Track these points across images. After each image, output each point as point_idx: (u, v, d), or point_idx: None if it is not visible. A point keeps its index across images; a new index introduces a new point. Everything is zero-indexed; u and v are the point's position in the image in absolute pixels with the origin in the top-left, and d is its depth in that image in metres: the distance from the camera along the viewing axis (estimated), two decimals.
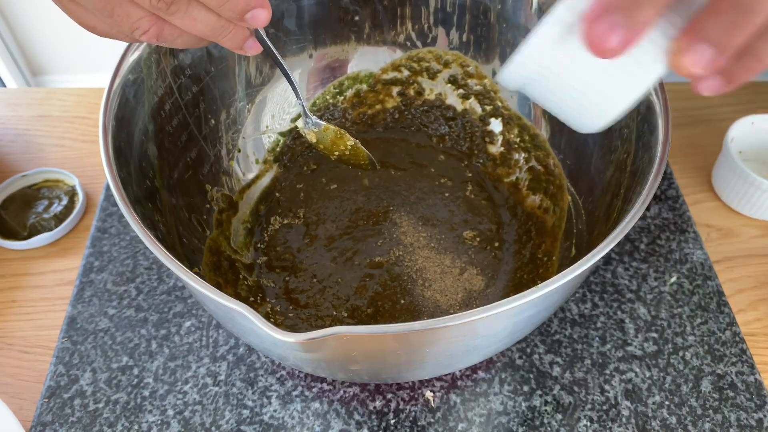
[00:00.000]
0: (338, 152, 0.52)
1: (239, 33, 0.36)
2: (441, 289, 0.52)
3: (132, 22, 0.33)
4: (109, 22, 0.34)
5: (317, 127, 0.51)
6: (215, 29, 0.35)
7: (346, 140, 0.52)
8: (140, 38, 0.35)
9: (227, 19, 0.34)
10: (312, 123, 0.51)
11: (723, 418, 0.47)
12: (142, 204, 0.41)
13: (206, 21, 0.34)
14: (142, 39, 0.35)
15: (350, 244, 0.55)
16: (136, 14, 0.33)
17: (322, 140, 0.52)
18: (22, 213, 0.60)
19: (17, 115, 0.70)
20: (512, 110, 0.58)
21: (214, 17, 0.34)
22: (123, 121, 0.42)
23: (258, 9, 0.34)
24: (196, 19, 0.34)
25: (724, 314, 0.53)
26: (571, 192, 0.53)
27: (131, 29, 0.34)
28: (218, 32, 0.35)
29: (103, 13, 0.33)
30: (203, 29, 0.34)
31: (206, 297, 0.33)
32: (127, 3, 0.33)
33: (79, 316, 0.53)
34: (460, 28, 0.57)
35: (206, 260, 0.49)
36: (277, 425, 0.47)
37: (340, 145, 0.52)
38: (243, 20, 0.34)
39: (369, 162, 0.53)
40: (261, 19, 0.34)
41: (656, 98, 0.42)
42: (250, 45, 0.38)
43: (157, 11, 0.33)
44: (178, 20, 0.34)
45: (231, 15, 0.34)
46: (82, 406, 0.48)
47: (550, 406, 0.48)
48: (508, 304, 0.32)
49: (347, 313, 0.51)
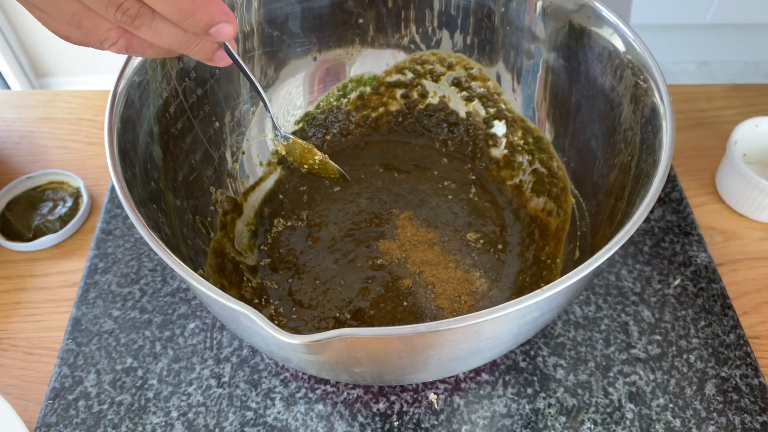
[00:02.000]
0: (307, 165, 0.53)
1: (207, 46, 0.37)
2: (444, 291, 0.52)
3: (100, 33, 0.34)
4: (79, 33, 0.34)
5: (286, 141, 0.52)
6: (181, 42, 0.35)
7: (314, 154, 0.53)
8: (110, 49, 0.35)
9: (193, 33, 0.35)
10: (281, 136, 0.52)
11: (727, 421, 0.47)
12: (146, 206, 0.41)
13: (172, 34, 0.34)
14: (112, 50, 0.35)
15: (353, 246, 0.55)
16: (104, 26, 0.34)
17: (291, 153, 0.53)
18: (27, 215, 0.60)
19: (22, 117, 0.71)
20: (516, 113, 0.58)
21: (179, 31, 0.34)
22: (128, 123, 0.42)
23: (222, 24, 0.34)
24: (161, 33, 0.34)
25: (728, 317, 0.53)
26: (574, 194, 0.53)
27: (100, 40, 0.34)
28: (185, 45, 0.35)
29: (72, 24, 0.34)
30: (170, 42, 0.35)
31: (211, 299, 0.33)
32: (93, 15, 0.33)
33: (84, 317, 0.53)
34: (464, 30, 0.57)
35: (210, 262, 0.49)
36: (281, 427, 0.47)
37: (309, 158, 0.53)
38: (208, 35, 0.34)
39: (339, 175, 0.54)
40: (226, 34, 0.34)
41: (660, 100, 0.42)
42: (220, 56, 0.38)
43: (122, 24, 0.33)
44: (144, 33, 0.34)
45: (195, 30, 0.34)
46: (87, 408, 0.48)
47: (554, 408, 0.48)
48: (513, 306, 0.32)
49: (350, 315, 0.51)
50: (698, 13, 1.70)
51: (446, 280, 0.53)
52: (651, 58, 0.44)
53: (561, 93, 0.54)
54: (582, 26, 0.49)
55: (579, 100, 0.52)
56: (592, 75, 0.50)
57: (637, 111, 0.45)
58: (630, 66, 0.46)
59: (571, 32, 0.50)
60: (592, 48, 0.49)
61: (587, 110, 0.51)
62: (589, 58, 0.50)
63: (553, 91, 0.54)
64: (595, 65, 0.49)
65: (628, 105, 0.46)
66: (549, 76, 0.54)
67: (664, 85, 0.42)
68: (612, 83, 0.48)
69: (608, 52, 0.48)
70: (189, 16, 0.33)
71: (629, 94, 0.46)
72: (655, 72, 0.43)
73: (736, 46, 1.86)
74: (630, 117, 0.46)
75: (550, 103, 0.55)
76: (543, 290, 0.33)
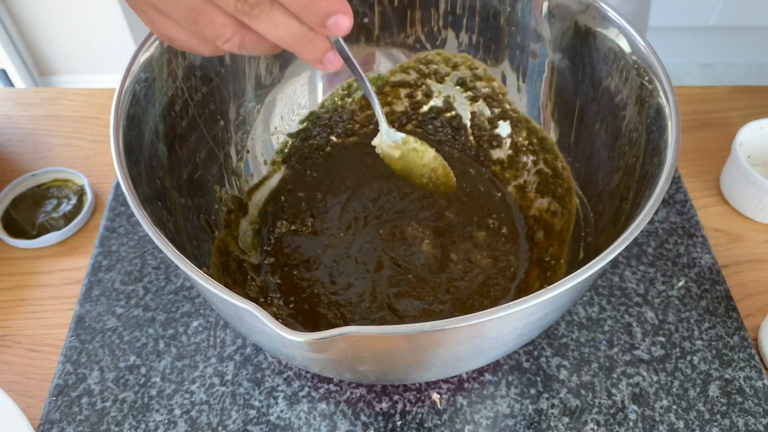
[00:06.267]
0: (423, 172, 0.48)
1: (320, 44, 0.35)
2: (448, 291, 0.52)
3: (216, 29, 0.33)
4: (193, 31, 0.34)
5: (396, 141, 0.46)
6: (296, 37, 0.34)
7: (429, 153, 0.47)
8: (223, 46, 0.34)
9: (309, 25, 0.34)
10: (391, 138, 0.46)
11: (731, 423, 0.47)
12: (152, 203, 0.41)
13: (287, 27, 0.33)
14: (225, 47, 0.34)
15: (357, 245, 0.55)
16: (221, 21, 0.33)
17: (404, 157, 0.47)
18: (31, 212, 0.60)
19: (27, 114, 0.71)
20: (520, 113, 0.58)
21: (295, 24, 0.33)
22: (134, 120, 0.43)
23: (340, 15, 0.33)
24: (277, 24, 0.33)
25: (732, 319, 0.53)
26: (579, 195, 0.53)
27: (214, 37, 0.34)
28: (298, 40, 0.34)
29: (188, 21, 0.33)
30: (284, 36, 0.34)
31: (215, 296, 0.33)
32: (211, 9, 0.33)
33: (87, 315, 0.53)
34: (469, 30, 0.57)
35: (215, 260, 0.49)
36: (284, 426, 0.47)
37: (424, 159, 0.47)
38: (324, 26, 0.33)
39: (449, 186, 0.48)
40: (343, 27, 0.33)
41: (666, 101, 0.42)
42: (331, 59, 0.36)
43: (241, 15, 0.33)
44: (260, 25, 0.33)
45: (313, 19, 0.33)
46: (90, 405, 0.48)
47: (557, 409, 0.48)
48: (518, 305, 0.32)
49: (353, 314, 0.51)
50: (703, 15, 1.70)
51: (450, 280, 0.53)
52: (656, 59, 0.44)
53: (566, 94, 0.54)
54: (588, 27, 0.49)
55: (584, 101, 0.52)
56: (598, 76, 0.50)
57: (642, 112, 0.45)
58: (635, 67, 0.46)
59: (576, 33, 0.50)
60: (598, 49, 0.49)
61: (592, 111, 0.51)
62: (594, 59, 0.50)
63: (558, 91, 0.54)
64: (600, 66, 0.49)
65: (633, 106, 0.46)
66: (554, 76, 0.54)
67: (670, 86, 0.42)
68: (617, 85, 0.48)
69: (614, 53, 0.47)
70: (309, 3, 0.32)
71: (635, 95, 0.46)
72: (660, 72, 0.43)
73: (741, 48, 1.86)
74: (635, 118, 0.46)
75: (555, 103, 0.55)
76: (548, 290, 0.33)
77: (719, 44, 1.85)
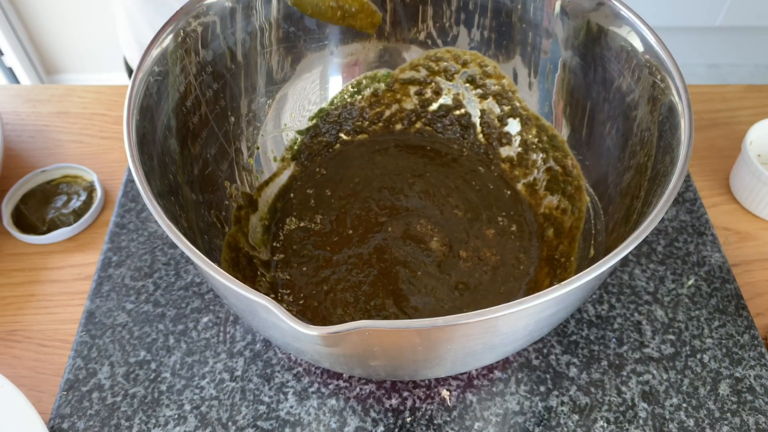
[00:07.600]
0: None
1: None
2: (457, 288, 0.52)
3: None
4: None
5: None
6: None
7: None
8: None
9: None
10: None
11: (741, 421, 0.47)
12: (164, 198, 0.41)
13: None
14: None
15: (366, 242, 0.55)
16: None
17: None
18: (42, 208, 0.60)
19: (37, 111, 0.71)
20: (530, 110, 0.58)
21: None
22: (147, 113, 0.43)
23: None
24: None
25: (743, 317, 0.53)
26: (589, 193, 0.53)
27: None
28: None
29: None
30: None
31: (229, 290, 0.33)
32: None
33: (98, 310, 0.53)
34: (481, 27, 0.57)
35: (225, 256, 0.50)
36: (294, 421, 0.47)
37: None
38: None
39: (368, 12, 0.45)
40: None
41: (678, 98, 0.42)
42: None
43: None
44: None
45: None
46: (100, 400, 0.48)
47: (567, 406, 0.48)
48: (531, 301, 0.32)
49: (363, 311, 0.51)
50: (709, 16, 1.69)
51: (459, 277, 0.52)
52: (668, 56, 0.44)
53: (577, 92, 0.54)
54: (600, 25, 0.49)
55: (595, 99, 0.52)
56: (610, 75, 0.50)
57: (655, 111, 0.45)
58: (648, 65, 0.46)
59: (588, 31, 0.50)
60: (610, 47, 0.49)
61: (604, 110, 0.51)
62: (606, 58, 0.49)
63: (569, 89, 0.54)
64: (612, 65, 0.49)
65: (645, 105, 0.46)
66: (566, 74, 0.54)
67: (683, 83, 0.42)
68: (630, 83, 0.48)
69: (626, 51, 0.47)
70: None
71: (647, 94, 0.46)
72: (672, 70, 0.43)
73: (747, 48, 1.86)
74: (647, 117, 0.46)
75: (566, 101, 0.55)
76: (560, 286, 0.33)
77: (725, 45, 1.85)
